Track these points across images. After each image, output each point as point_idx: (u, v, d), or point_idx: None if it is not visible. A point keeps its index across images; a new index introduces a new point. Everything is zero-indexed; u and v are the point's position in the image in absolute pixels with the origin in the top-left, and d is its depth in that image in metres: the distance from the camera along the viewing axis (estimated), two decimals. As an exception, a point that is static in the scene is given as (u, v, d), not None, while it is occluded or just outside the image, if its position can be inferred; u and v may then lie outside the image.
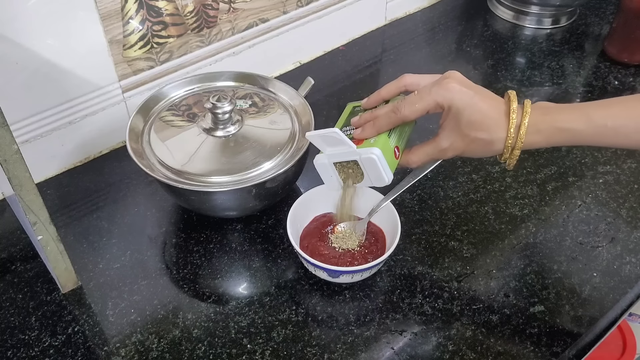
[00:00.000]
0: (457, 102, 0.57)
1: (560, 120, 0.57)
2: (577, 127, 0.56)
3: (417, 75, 0.63)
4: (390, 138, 0.62)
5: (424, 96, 0.59)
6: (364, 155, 0.60)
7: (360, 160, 0.60)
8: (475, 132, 0.58)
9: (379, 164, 0.59)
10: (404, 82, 0.63)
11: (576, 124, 0.56)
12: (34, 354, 0.63)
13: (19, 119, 0.75)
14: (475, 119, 0.57)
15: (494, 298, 0.68)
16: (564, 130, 0.57)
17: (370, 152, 0.59)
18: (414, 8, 1.16)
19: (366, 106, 0.66)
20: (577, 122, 0.56)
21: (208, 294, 0.68)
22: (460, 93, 0.57)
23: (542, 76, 1.01)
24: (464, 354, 0.62)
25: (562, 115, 0.57)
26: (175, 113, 0.77)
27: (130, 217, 0.77)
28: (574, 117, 0.57)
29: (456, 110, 0.58)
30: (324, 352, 0.63)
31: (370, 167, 0.60)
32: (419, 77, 0.62)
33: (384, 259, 0.65)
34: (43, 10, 0.69)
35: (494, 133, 0.58)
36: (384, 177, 0.60)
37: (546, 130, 0.57)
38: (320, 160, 0.63)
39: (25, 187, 0.56)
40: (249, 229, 0.75)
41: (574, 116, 0.57)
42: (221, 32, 0.89)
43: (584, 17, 1.16)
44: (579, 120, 0.56)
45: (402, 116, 0.60)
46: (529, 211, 0.78)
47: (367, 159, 0.60)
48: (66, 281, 0.67)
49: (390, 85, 0.63)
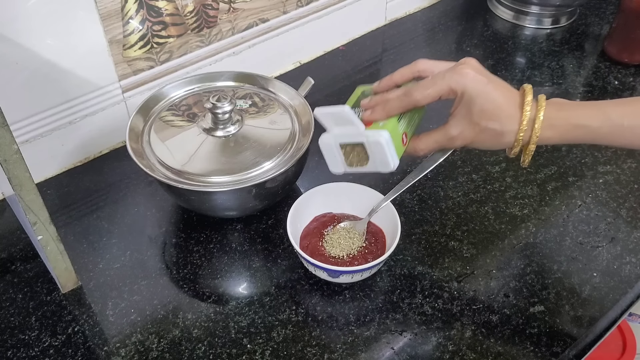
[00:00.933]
0: (470, 89, 0.56)
1: (576, 116, 0.56)
2: (593, 124, 0.55)
3: (431, 61, 0.61)
4: (400, 123, 0.59)
5: (437, 81, 0.57)
6: (371, 138, 0.57)
7: (367, 143, 0.58)
8: (486, 121, 0.56)
9: (386, 148, 0.57)
10: (418, 68, 0.61)
11: (592, 121, 0.55)
12: (34, 354, 0.63)
13: (19, 119, 0.75)
14: (488, 107, 0.56)
15: (494, 298, 0.68)
16: (579, 127, 0.56)
17: (378, 135, 0.57)
18: (414, 8, 1.16)
19: (378, 90, 0.63)
20: (593, 119, 0.55)
21: (208, 294, 0.68)
22: (474, 80, 0.56)
23: (542, 76, 1.01)
24: (464, 354, 0.62)
25: (578, 112, 0.56)
26: (175, 113, 0.77)
27: (130, 217, 0.77)
28: (591, 114, 0.56)
29: (469, 97, 0.56)
30: (324, 352, 0.63)
31: (377, 150, 0.58)
32: (434, 63, 0.60)
33: (384, 259, 0.65)
34: (43, 10, 0.69)
35: (505, 124, 0.56)
36: (389, 162, 0.58)
37: (561, 126, 0.56)
38: (325, 140, 0.60)
39: (25, 187, 0.56)
40: (249, 229, 0.75)
41: (591, 113, 0.56)
42: (221, 32, 0.89)
43: (584, 17, 1.16)
44: (595, 118, 0.55)
45: (413, 100, 0.58)
46: (529, 211, 0.78)
47: (375, 142, 0.57)
48: (66, 281, 0.67)
49: (403, 69, 0.61)
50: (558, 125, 0.56)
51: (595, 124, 0.55)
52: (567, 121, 0.56)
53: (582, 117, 0.56)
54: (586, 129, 0.56)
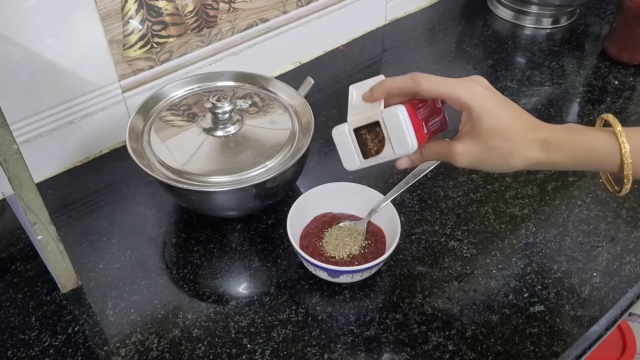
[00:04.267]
0: (479, 106, 0.53)
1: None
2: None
3: (434, 79, 0.56)
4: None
5: (448, 83, 0.55)
6: (387, 113, 0.54)
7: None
8: (494, 139, 0.53)
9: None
10: (421, 88, 0.55)
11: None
12: (34, 354, 0.63)
13: (19, 119, 0.75)
14: (497, 126, 0.53)
15: (494, 298, 0.68)
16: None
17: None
18: (414, 8, 1.16)
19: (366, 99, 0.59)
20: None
21: (208, 293, 0.68)
22: (483, 97, 0.54)
23: (542, 76, 1.01)
24: (464, 354, 0.62)
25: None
26: (175, 113, 0.77)
27: (130, 217, 0.77)
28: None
29: (477, 115, 0.54)
30: (324, 352, 0.63)
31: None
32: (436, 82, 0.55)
33: (384, 259, 0.65)
34: (43, 10, 0.69)
35: (514, 144, 0.53)
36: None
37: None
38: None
39: (25, 187, 0.56)
40: (249, 229, 0.75)
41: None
42: (221, 32, 0.89)
43: (584, 17, 1.16)
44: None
45: (418, 86, 0.54)
46: (529, 211, 0.78)
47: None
48: (66, 281, 0.67)
49: (401, 82, 0.56)
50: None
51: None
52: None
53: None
54: None
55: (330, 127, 0.59)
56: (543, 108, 0.94)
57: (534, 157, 0.54)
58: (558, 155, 0.54)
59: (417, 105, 0.56)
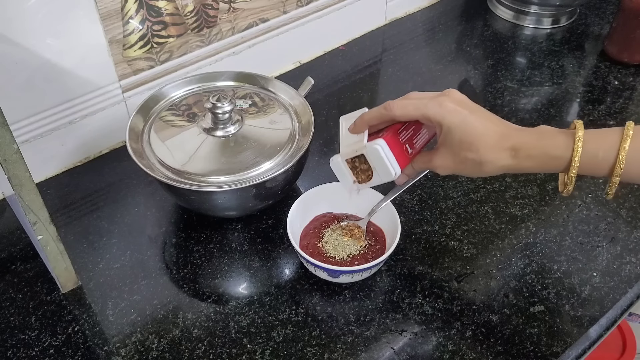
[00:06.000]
0: (448, 122, 0.56)
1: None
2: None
3: (402, 102, 0.59)
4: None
5: (419, 105, 0.58)
6: (369, 148, 0.60)
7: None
8: (465, 152, 0.57)
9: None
10: (394, 114, 0.59)
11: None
12: (34, 354, 0.63)
13: (19, 119, 0.75)
14: (466, 139, 0.56)
15: (494, 298, 0.68)
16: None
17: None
18: (413, 8, 1.16)
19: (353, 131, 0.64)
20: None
21: (208, 293, 0.68)
22: (452, 112, 0.56)
23: (542, 76, 1.01)
24: (464, 354, 0.62)
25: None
26: (175, 113, 0.77)
27: (130, 217, 0.77)
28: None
29: (447, 129, 0.57)
30: (324, 352, 0.63)
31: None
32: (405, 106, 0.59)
33: (384, 259, 0.65)
34: (43, 10, 0.69)
35: (483, 155, 0.56)
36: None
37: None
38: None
39: (25, 187, 0.56)
40: (249, 229, 0.75)
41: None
42: (221, 32, 0.89)
43: (584, 17, 1.16)
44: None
45: (391, 114, 0.59)
46: (529, 211, 0.78)
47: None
48: (66, 281, 0.67)
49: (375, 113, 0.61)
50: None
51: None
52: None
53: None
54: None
55: (330, 127, 0.60)
56: (543, 108, 0.94)
57: (504, 165, 0.57)
58: (526, 162, 0.57)
59: (398, 130, 0.61)
